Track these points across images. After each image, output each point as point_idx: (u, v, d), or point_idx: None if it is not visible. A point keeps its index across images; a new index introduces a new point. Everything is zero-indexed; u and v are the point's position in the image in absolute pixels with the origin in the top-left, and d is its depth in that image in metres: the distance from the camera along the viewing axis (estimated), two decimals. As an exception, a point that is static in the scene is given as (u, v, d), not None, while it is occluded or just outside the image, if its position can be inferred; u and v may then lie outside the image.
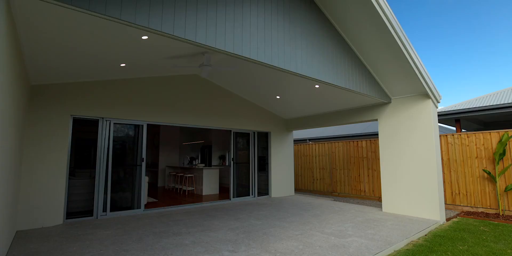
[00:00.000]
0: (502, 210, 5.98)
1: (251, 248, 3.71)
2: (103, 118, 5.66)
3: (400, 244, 4.06)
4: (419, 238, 4.48)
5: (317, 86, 5.70)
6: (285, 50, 4.05)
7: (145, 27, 2.76)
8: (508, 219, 5.65)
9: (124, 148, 5.93)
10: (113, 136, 5.77)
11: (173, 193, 9.29)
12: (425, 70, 5.46)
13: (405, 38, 4.92)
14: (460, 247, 4.02)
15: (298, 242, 3.98)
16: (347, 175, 9.07)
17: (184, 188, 9.21)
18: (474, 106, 8.19)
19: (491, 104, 7.85)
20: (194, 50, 4.68)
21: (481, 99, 9.35)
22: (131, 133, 6.04)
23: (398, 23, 4.74)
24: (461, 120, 9.44)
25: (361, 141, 8.80)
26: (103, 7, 2.54)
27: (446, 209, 6.79)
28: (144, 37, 3.63)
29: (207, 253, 3.51)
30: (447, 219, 5.75)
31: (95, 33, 3.34)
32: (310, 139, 14.30)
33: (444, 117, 8.92)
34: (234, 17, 3.47)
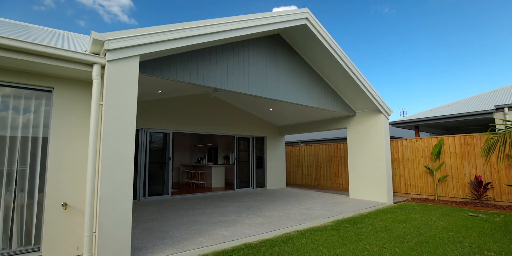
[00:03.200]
0: (437, 196, 8.00)
1: (250, 214, 5.77)
2: (142, 128, 7.73)
3: (349, 214, 6.09)
4: (365, 212, 6.51)
5: (299, 103, 7.74)
6: (271, 85, 6.09)
7: (188, 82, 4.81)
8: (439, 202, 7.66)
9: (157, 150, 8.01)
10: (149, 141, 7.84)
11: (188, 186, 11.36)
12: (377, 94, 7.49)
13: (358, 73, 6.95)
14: (388, 216, 6.05)
15: (281, 212, 6.03)
16: (329, 171, 11.10)
17: (196, 182, 11.28)
18: (426, 116, 10.20)
19: (438, 115, 9.85)
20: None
21: (436, 109, 11.37)
22: (161, 139, 8.12)
23: (351, 61, 6.78)
24: (421, 127, 11.46)
25: (340, 143, 10.82)
26: (159, 73, 4.53)
27: (399, 196, 8.81)
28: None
29: (221, 216, 5.58)
30: (396, 203, 7.77)
31: (151, 81, 5.40)
32: (302, 142, 16.35)
33: (407, 124, 10.94)
34: (238, 68, 5.52)
